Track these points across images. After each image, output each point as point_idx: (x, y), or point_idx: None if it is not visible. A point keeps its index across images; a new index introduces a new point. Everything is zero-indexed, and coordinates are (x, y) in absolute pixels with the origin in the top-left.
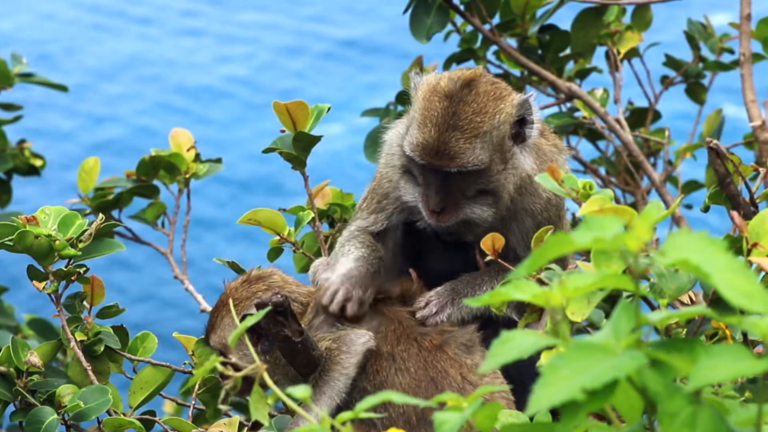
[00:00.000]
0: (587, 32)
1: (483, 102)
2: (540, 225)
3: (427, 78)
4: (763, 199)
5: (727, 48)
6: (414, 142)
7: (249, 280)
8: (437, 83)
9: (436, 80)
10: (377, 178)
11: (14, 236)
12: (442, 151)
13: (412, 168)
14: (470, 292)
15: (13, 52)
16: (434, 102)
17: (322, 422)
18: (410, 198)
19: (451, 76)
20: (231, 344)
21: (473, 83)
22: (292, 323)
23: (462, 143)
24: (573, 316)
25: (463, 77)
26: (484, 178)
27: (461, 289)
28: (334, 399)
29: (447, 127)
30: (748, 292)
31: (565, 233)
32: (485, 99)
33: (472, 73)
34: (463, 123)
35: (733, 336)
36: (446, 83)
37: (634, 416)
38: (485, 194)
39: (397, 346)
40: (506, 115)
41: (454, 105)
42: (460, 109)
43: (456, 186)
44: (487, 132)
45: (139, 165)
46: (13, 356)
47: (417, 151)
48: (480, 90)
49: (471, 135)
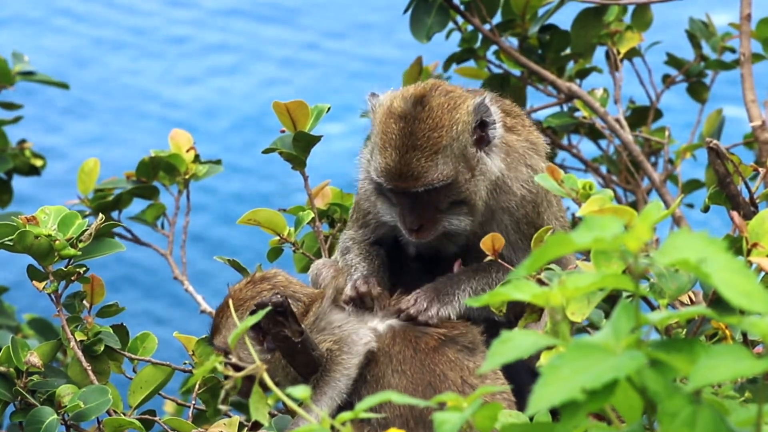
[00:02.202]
0: (587, 32)
1: (438, 116)
2: (518, 221)
3: (382, 99)
4: (763, 199)
5: (728, 47)
6: (378, 168)
7: (253, 281)
8: (390, 104)
9: (389, 101)
10: (358, 196)
11: (14, 236)
12: (405, 174)
13: (384, 190)
14: (451, 290)
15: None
16: (390, 125)
17: (322, 422)
18: (389, 219)
19: (404, 94)
20: (231, 344)
21: (425, 99)
22: (292, 323)
23: (423, 162)
24: (573, 316)
25: (414, 94)
26: (454, 191)
27: (442, 287)
28: (335, 399)
29: (406, 149)
30: (748, 292)
31: (562, 233)
32: (439, 113)
33: (422, 89)
34: (422, 142)
35: (732, 336)
36: (399, 103)
37: (634, 416)
38: (459, 204)
39: (393, 347)
40: (463, 124)
41: (409, 125)
42: (415, 128)
43: (428, 202)
44: (446, 146)
45: (138, 166)
46: (13, 356)
47: (383, 177)
48: (433, 104)
49: (431, 152)
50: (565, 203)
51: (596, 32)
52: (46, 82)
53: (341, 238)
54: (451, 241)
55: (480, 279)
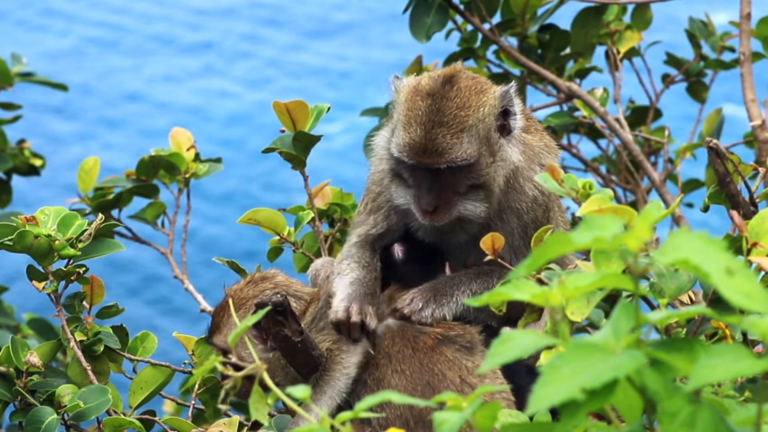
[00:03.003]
0: (587, 31)
1: (465, 96)
2: (526, 226)
3: (408, 80)
4: (763, 198)
5: (728, 46)
6: (401, 143)
7: (254, 281)
8: (418, 83)
9: (416, 81)
10: (369, 181)
11: (14, 236)
12: (430, 149)
13: (401, 171)
14: (449, 291)
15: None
16: (417, 102)
17: (322, 422)
18: (402, 201)
19: (431, 75)
20: (231, 343)
21: (454, 79)
22: (292, 323)
23: (449, 139)
24: (573, 315)
25: (443, 74)
26: (474, 173)
27: (441, 288)
28: (334, 399)
29: (432, 125)
30: (747, 291)
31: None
32: (467, 93)
33: (451, 70)
34: (448, 119)
35: (732, 336)
36: (427, 82)
37: (634, 416)
38: (476, 189)
39: (392, 347)
40: (490, 107)
41: (437, 102)
42: (443, 105)
43: (447, 183)
44: (472, 126)
45: (138, 165)
46: (13, 356)
47: (405, 152)
48: (461, 85)
49: (457, 130)
50: (565, 203)
51: (596, 32)
52: (44, 83)
53: (348, 236)
54: (464, 229)
55: (480, 282)
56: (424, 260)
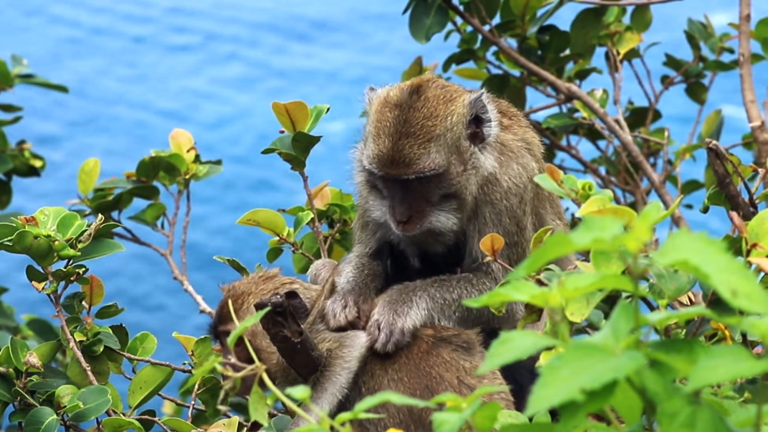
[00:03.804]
0: (587, 33)
1: (433, 106)
2: (500, 213)
3: (380, 91)
4: (763, 199)
5: (727, 48)
6: (371, 155)
7: (265, 277)
8: (387, 94)
9: (386, 92)
10: (357, 194)
11: (14, 237)
12: (397, 160)
13: (375, 182)
14: (406, 299)
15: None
16: (385, 113)
17: (321, 422)
18: (378, 213)
19: (401, 85)
20: (230, 344)
21: (421, 89)
22: (292, 324)
23: (416, 149)
24: (572, 316)
25: (410, 85)
26: (445, 182)
27: (397, 298)
28: (336, 395)
29: (399, 136)
30: (747, 292)
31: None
32: (435, 103)
33: (419, 80)
34: (415, 129)
35: (732, 336)
36: (395, 93)
37: (634, 417)
38: (449, 198)
39: (386, 358)
40: (458, 116)
41: (404, 113)
42: (410, 116)
43: (418, 193)
44: (440, 135)
45: (138, 166)
46: (13, 357)
47: (375, 163)
48: (429, 95)
49: (424, 140)
50: (565, 203)
51: (596, 33)
52: (44, 84)
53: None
54: (437, 240)
55: (439, 286)
56: (438, 268)
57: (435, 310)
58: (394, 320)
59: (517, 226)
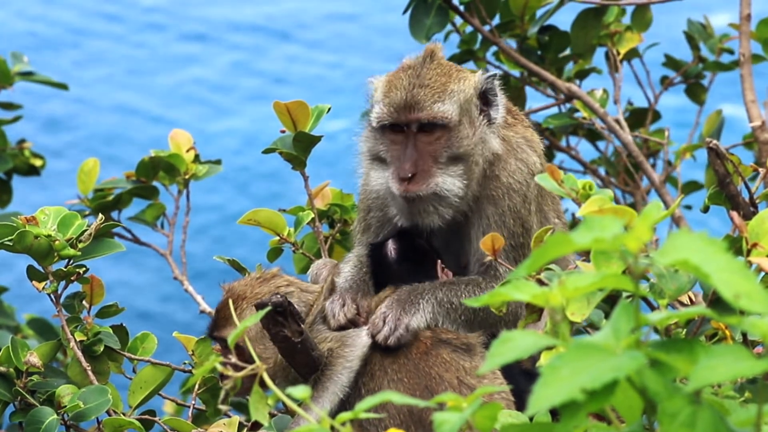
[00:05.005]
0: (587, 33)
1: (446, 68)
2: (503, 213)
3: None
4: (763, 199)
5: (726, 48)
6: (382, 109)
7: (264, 278)
8: (397, 68)
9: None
10: (360, 196)
11: (14, 236)
12: (411, 104)
13: (379, 149)
14: (414, 300)
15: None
16: (397, 74)
17: (322, 422)
18: (380, 183)
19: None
20: (230, 344)
21: (434, 54)
22: (292, 323)
23: (431, 96)
24: (573, 316)
25: (423, 51)
26: (455, 140)
27: (406, 298)
28: (337, 394)
29: (414, 86)
30: (747, 292)
31: (562, 232)
32: (448, 67)
33: (433, 46)
34: (429, 82)
35: (732, 336)
36: (407, 61)
37: (634, 416)
38: (456, 162)
39: (386, 358)
40: (471, 81)
41: (417, 70)
42: (424, 72)
43: (426, 152)
44: (453, 92)
45: (138, 166)
46: (13, 356)
47: (386, 114)
48: (442, 61)
49: (438, 91)
50: (565, 204)
51: (596, 33)
52: (45, 82)
53: (351, 249)
54: (438, 211)
55: (447, 290)
56: (416, 260)
57: (441, 313)
58: (400, 316)
59: (523, 227)
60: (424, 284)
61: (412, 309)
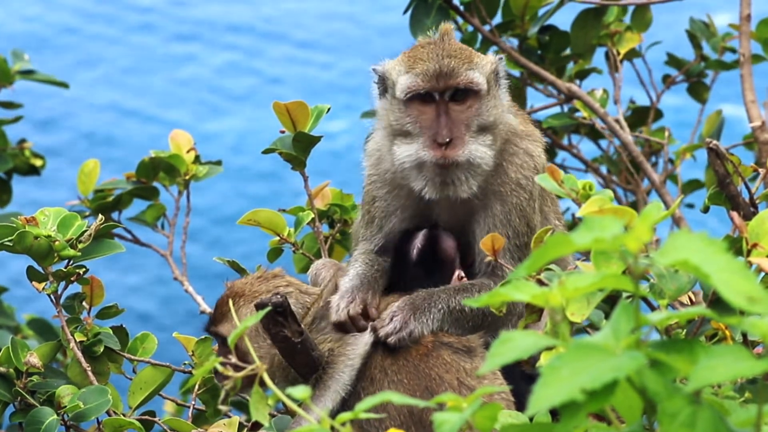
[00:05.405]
0: (587, 33)
1: (464, 46)
2: (509, 212)
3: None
4: (763, 199)
5: (729, 47)
6: (411, 78)
7: (265, 277)
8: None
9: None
10: (364, 188)
11: (14, 237)
12: (446, 72)
13: (405, 123)
14: (427, 307)
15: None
16: (417, 49)
17: (322, 422)
18: (406, 155)
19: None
20: (230, 343)
21: (450, 34)
22: (292, 324)
23: (461, 63)
24: (573, 316)
25: (439, 30)
26: (485, 108)
27: (419, 304)
28: (339, 393)
29: (441, 57)
30: (747, 292)
31: (562, 232)
32: (464, 46)
33: (446, 27)
34: (455, 53)
35: (732, 336)
36: (421, 40)
37: (634, 416)
38: (484, 132)
39: (386, 360)
40: (487, 58)
41: (440, 44)
42: (446, 45)
43: (459, 117)
44: (478, 62)
45: (138, 167)
46: (13, 357)
47: (418, 81)
48: (457, 42)
49: (466, 59)
50: (565, 204)
51: (596, 33)
52: (45, 81)
53: (354, 246)
54: (468, 182)
55: (461, 297)
56: (435, 266)
57: (449, 321)
58: (409, 320)
59: (527, 226)
60: (440, 290)
61: (422, 317)
